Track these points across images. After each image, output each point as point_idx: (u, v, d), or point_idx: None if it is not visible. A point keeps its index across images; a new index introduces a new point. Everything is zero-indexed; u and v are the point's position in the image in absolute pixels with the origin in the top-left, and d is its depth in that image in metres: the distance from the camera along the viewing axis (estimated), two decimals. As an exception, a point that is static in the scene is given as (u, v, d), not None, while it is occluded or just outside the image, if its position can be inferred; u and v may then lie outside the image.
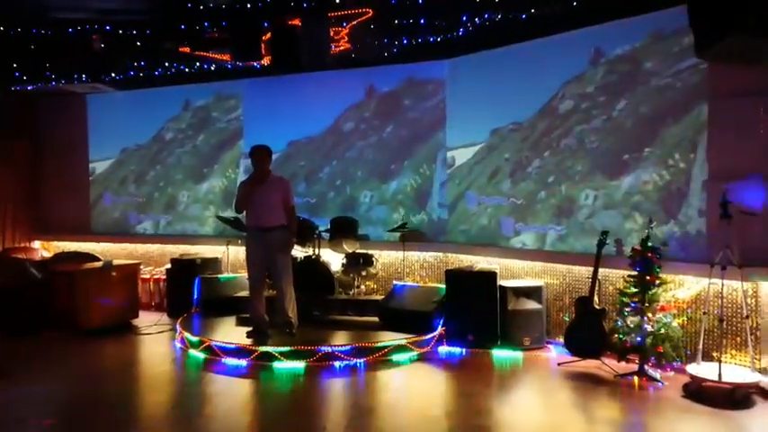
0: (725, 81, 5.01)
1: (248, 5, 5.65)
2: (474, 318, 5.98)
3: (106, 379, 5.37)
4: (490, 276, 6.12)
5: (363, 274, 7.02)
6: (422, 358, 5.73)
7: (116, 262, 7.40)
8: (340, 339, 5.90)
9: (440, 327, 6.06)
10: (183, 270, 7.62)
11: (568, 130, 6.24)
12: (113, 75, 7.69)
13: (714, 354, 4.81)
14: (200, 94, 8.69)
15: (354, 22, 6.11)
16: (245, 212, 6.04)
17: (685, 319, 5.19)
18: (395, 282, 7.01)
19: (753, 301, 4.82)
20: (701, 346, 4.82)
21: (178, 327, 6.48)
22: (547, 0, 5.48)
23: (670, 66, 5.46)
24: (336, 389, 5.09)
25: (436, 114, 7.48)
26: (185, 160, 8.87)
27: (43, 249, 9.22)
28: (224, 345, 5.77)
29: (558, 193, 6.32)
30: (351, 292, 7.01)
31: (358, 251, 7.09)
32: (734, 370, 4.68)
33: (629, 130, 5.77)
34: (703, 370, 4.64)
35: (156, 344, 6.46)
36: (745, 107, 4.93)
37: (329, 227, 7.21)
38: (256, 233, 5.95)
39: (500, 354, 5.86)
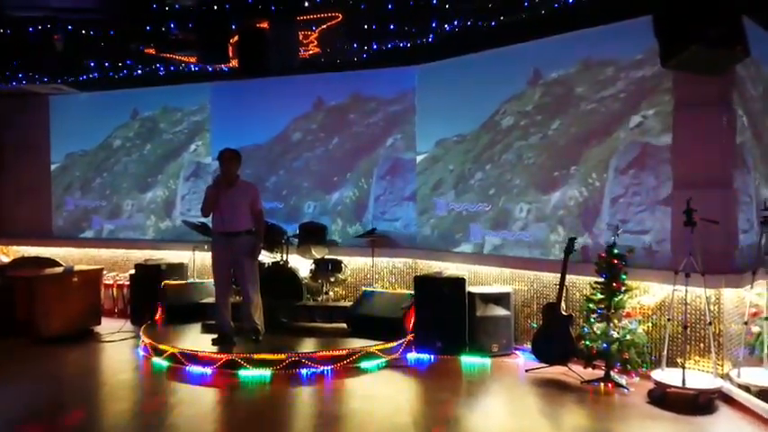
0: (688, 90, 5.09)
1: (215, 7, 5.57)
2: (442, 324, 5.97)
3: (65, 387, 5.22)
4: (459, 282, 6.11)
5: (332, 280, 6.97)
6: (390, 365, 5.70)
7: (78, 267, 7.21)
8: (307, 346, 5.84)
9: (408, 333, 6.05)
10: (148, 276, 7.44)
11: (508, 146, 6.44)
12: (76, 76, 7.51)
13: (678, 360, 4.88)
14: (156, 100, 8.55)
15: (324, 27, 6.08)
16: (211, 217, 5.95)
17: (650, 325, 5.25)
18: (364, 288, 6.98)
19: (716, 307, 4.90)
20: (665, 353, 4.89)
21: (141, 334, 6.34)
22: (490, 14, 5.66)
23: (596, 92, 5.76)
24: (303, 397, 5.03)
25: (378, 129, 7.53)
26: (132, 168, 8.74)
27: (2, 254, 8.96)
28: (188, 352, 5.65)
29: (496, 206, 6.51)
30: (319, 299, 6.95)
31: (327, 257, 7.04)
32: (697, 376, 4.75)
33: (560, 148, 6.05)
34: (668, 376, 4.70)
35: (119, 351, 6.29)
36: (707, 116, 5.02)
37: (298, 232, 7.14)
38: (223, 238, 5.86)
39: (468, 360, 5.86)
